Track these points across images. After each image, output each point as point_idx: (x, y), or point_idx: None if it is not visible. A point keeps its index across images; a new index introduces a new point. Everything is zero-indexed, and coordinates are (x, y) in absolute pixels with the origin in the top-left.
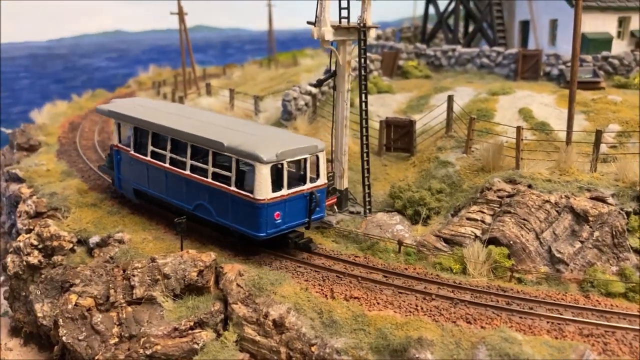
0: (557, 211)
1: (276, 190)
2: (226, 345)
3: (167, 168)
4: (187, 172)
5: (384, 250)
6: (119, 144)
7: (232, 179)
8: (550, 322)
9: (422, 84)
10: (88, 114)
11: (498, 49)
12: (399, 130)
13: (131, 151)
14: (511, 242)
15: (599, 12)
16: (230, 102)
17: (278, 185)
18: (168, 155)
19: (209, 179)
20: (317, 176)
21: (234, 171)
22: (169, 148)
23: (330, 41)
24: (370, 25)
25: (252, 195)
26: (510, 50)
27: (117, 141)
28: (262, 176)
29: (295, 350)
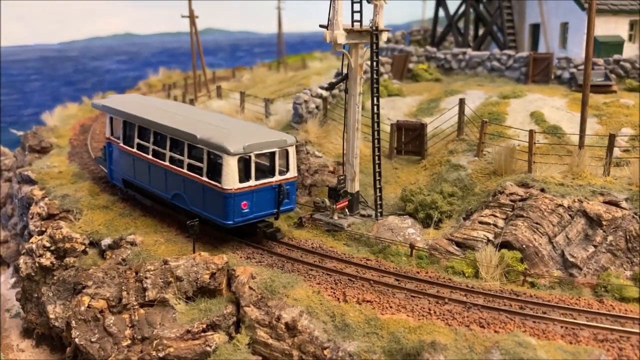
0: (570, 215)
1: (244, 181)
2: (238, 348)
3: (150, 159)
4: (166, 163)
5: (396, 253)
6: (110, 137)
7: (204, 170)
8: (564, 327)
9: (432, 87)
10: (99, 116)
11: (509, 52)
12: (410, 134)
13: (120, 143)
14: (524, 246)
15: (610, 15)
16: (241, 105)
17: (246, 176)
18: (151, 147)
19: (185, 170)
20: (286, 169)
21: (206, 162)
22: (151, 140)
23: (343, 44)
24: (382, 29)
25: (220, 185)
26: (521, 53)
27: (109, 134)
28: (230, 167)
29: (308, 353)
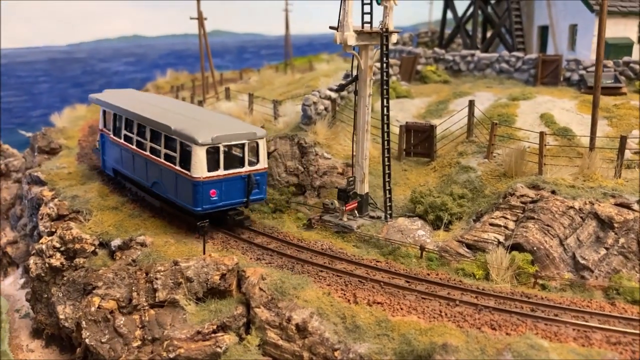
0: (582, 217)
1: (212, 170)
2: (249, 349)
3: (133, 149)
4: (147, 153)
5: (406, 255)
6: (103, 128)
7: (177, 159)
8: (577, 330)
9: (440, 88)
10: None
11: (517, 54)
12: (419, 135)
13: (111, 135)
14: (535, 248)
15: (620, 17)
16: (250, 107)
17: (215, 166)
18: (135, 138)
19: (162, 159)
20: (257, 160)
21: (179, 152)
22: (135, 132)
23: (353, 46)
24: (392, 30)
25: (189, 174)
26: (530, 55)
27: (102, 126)
28: (198, 157)
29: (318, 355)
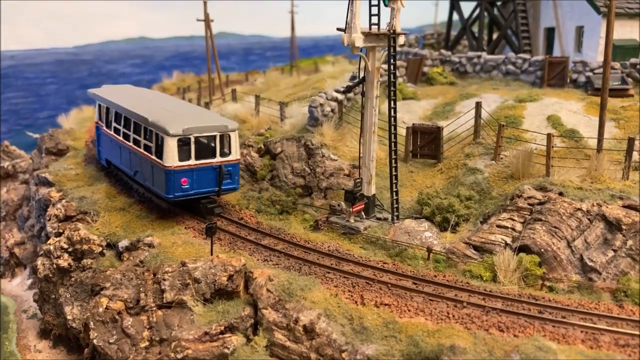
0: (589, 219)
1: (184, 160)
2: (256, 350)
3: (120, 141)
4: (130, 143)
5: (413, 257)
6: (98, 121)
7: (153, 149)
8: (585, 332)
9: (447, 90)
10: None
11: (524, 56)
12: (426, 137)
13: (104, 127)
14: (542, 250)
15: (626, 19)
16: (256, 109)
17: (186, 156)
18: (122, 130)
19: (141, 149)
20: (229, 152)
21: (154, 142)
22: (122, 124)
23: (360, 48)
24: (399, 32)
25: (162, 163)
26: (537, 57)
27: (97, 118)
28: (169, 147)
29: (326, 356)
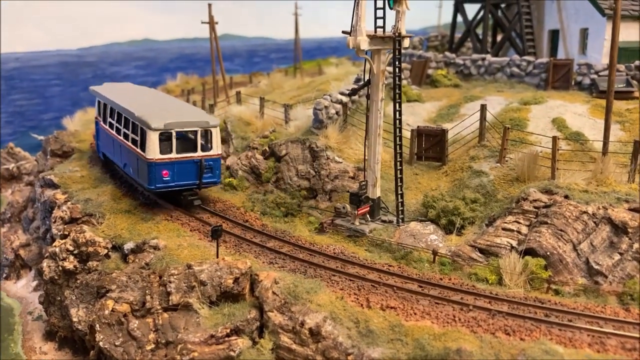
0: (595, 222)
1: (165, 153)
2: (262, 353)
3: (113, 135)
4: (121, 137)
5: (418, 260)
6: (97, 117)
7: (138, 142)
8: (591, 335)
9: (451, 92)
10: None
11: (528, 58)
12: (431, 139)
13: (101, 122)
14: (548, 253)
15: (631, 21)
16: (260, 111)
17: (168, 149)
18: (115, 124)
19: (129, 143)
20: (210, 147)
21: (139, 136)
22: (115, 119)
23: (365, 50)
24: (404, 35)
25: (144, 155)
26: (541, 59)
27: (96, 114)
28: (151, 140)
29: (332, 359)
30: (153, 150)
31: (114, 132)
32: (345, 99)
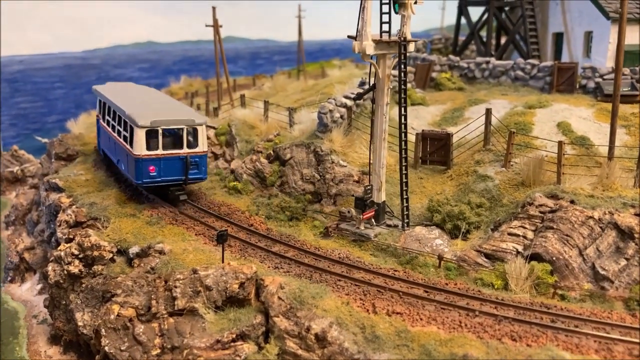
0: (601, 227)
1: (151, 150)
2: (268, 359)
3: (109, 132)
4: (115, 134)
5: (424, 264)
6: (98, 115)
7: (128, 139)
8: (598, 341)
9: (455, 96)
10: None
11: (533, 62)
12: (436, 143)
13: (101, 120)
14: (554, 258)
15: (635, 24)
16: (265, 114)
17: (154, 146)
18: (111, 121)
19: (121, 139)
20: (196, 144)
21: (129, 132)
22: (111, 116)
23: (371, 55)
24: (409, 39)
25: (132, 151)
26: (546, 62)
27: (97, 112)
28: (138, 137)
29: None
30: (140, 147)
31: (109, 129)
32: (349, 102)
